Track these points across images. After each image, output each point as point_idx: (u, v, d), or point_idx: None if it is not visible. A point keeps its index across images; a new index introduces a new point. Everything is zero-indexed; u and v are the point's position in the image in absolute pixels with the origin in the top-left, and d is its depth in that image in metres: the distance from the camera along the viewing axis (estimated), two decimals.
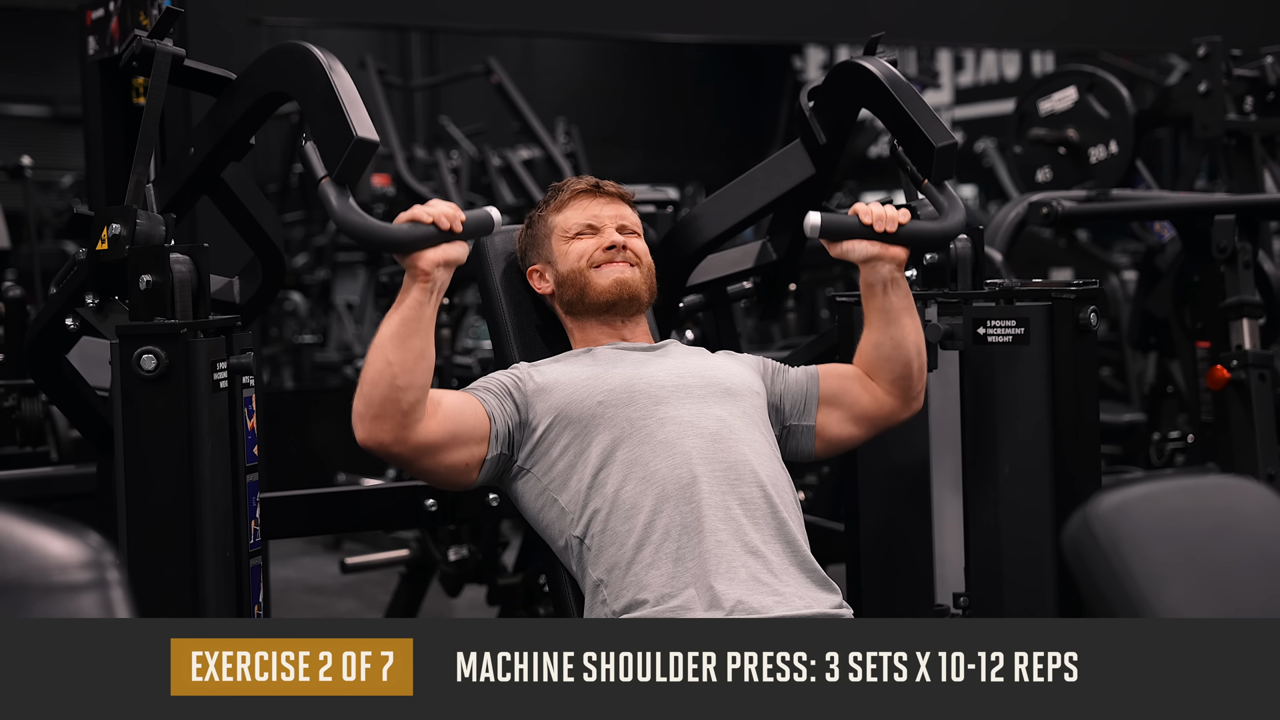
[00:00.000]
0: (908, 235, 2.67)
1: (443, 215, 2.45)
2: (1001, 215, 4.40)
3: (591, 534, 2.57)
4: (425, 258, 2.44)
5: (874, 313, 2.75)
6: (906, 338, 2.74)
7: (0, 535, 1.18)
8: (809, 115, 2.90)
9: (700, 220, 3.13)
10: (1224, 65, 4.53)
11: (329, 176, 2.39)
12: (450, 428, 2.55)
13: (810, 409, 2.79)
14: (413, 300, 2.46)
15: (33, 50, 11.65)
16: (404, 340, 2.45)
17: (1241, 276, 3.76)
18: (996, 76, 13.61)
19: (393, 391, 2.45)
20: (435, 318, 2.49)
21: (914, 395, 2.80)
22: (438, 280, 2.46)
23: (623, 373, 2.67)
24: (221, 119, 2.61)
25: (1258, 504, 1.43)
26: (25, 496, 3.51)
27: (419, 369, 2.46)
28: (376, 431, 2.48)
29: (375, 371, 2.46)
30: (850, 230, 2.67)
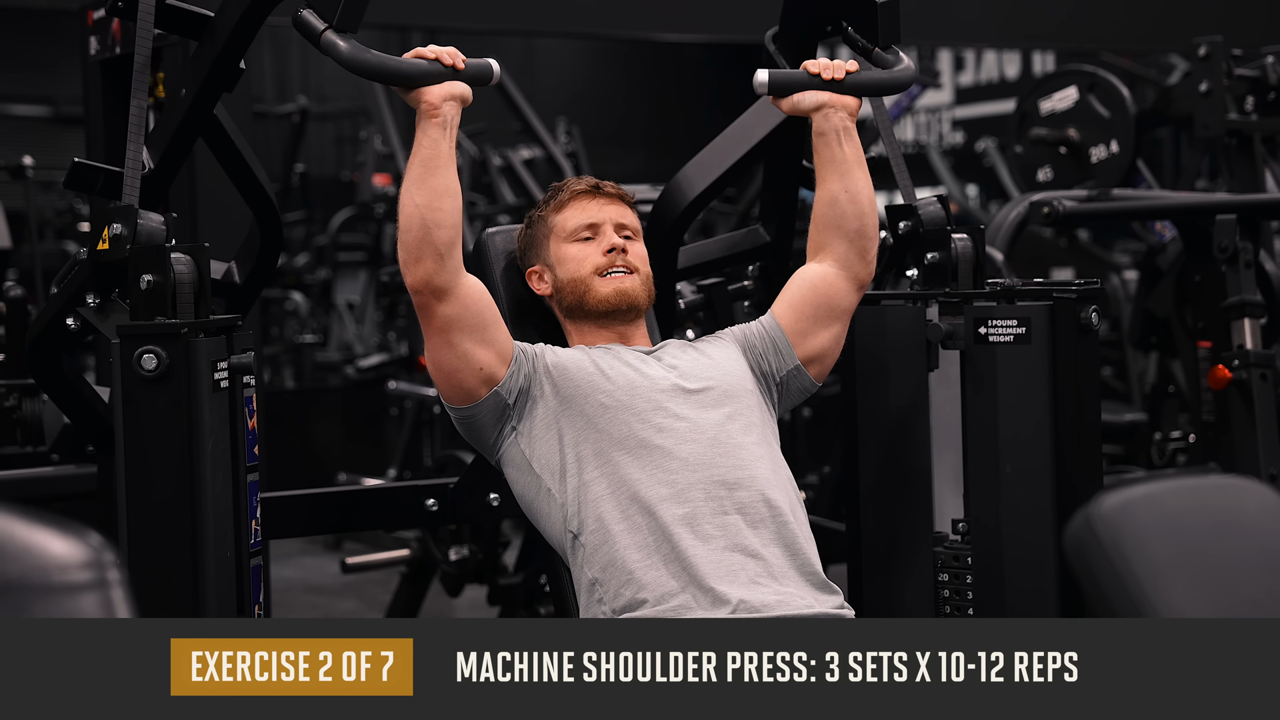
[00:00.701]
0: (855, 83, 2.70)
1: (444, 52, 2.53)
2: (1002, 215, 4.40)
3: (586, 532, 2.57)
4: (433, 92, 2.51)
5: (827, 165, 2.76)
6: (860, 190, 2.76)
7: (1, 535, 1.17)
8: (773, 54, 2.95)
9: (683, 183, 3.14)
10: (1225, 65, 4.53)
11: (330, 27, 2.44)
12: (484, 309, 2.62)
13: (786, 351, 2.79)
14: (429, 139, 2.53)
15: (34, 50, 11.66)
16: (426, 179, 2.52)
17: (1243, 276, 3.77)
18: (997, 76, 13.61)
19: (425, 231, 2.52)
20: (454, 155, 2.55)
21: (870, 256, 2.80)
22: (448, 115, 2.53)
23: (626, 376, 2.67)
24: (208, 49, 2.63)
25: (1260, 504, 1.43)
26: (26, 496, 3.51)
27: (446, 204, 2.53)
28: (420, 272, 2.54)
29: (406, 216, 2.54)
30: (798, 82, 2.70)
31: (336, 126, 12.88)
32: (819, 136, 2.74)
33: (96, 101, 3.68)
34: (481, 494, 3.33)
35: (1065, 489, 2.75)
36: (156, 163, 2.67)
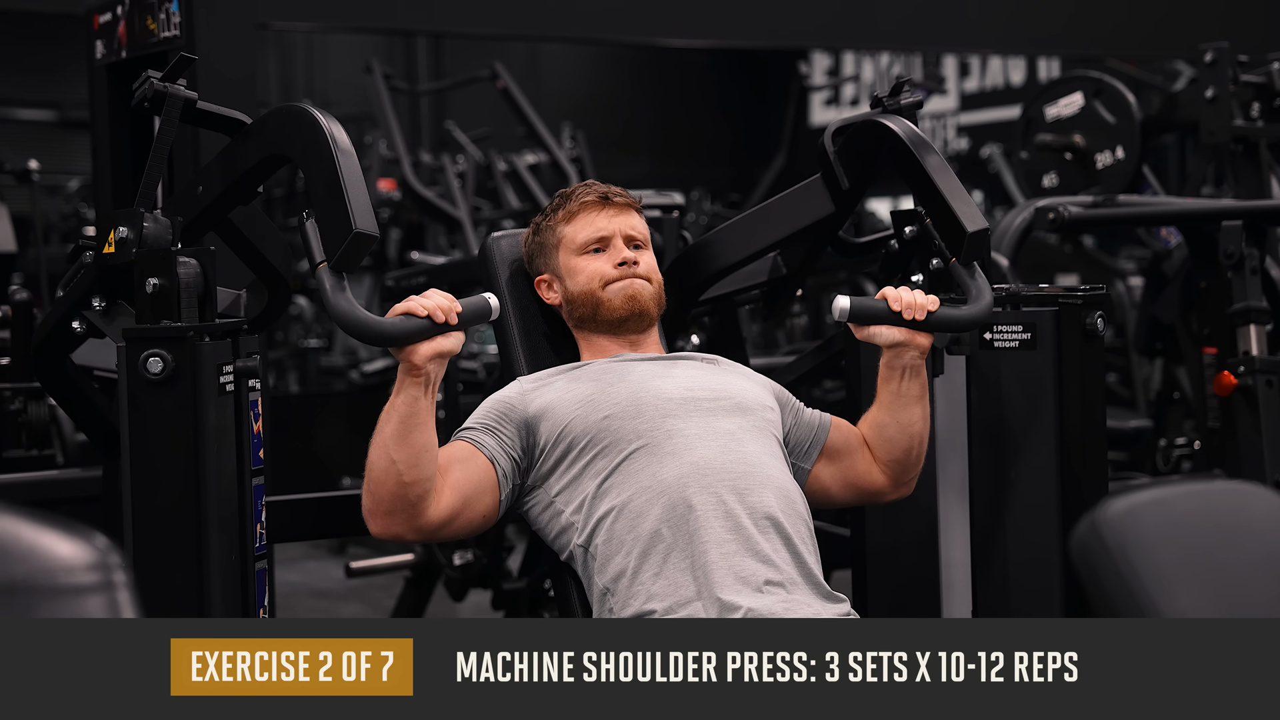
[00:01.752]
0: (936, 322, 2.65)
1: (437, 308, 2.42)
2: (1008, 221, 4.40)
3: (596, 543, 2.56)
4: (418, 352, 2.42)
5: (887, 395, 2.73)
6: (913, 425, 2.73)
7: (7, 537, 1.18)
8: (833, 158, 2.87)
9: (715, 247, 3.10)
10: (1231, 71, 4.53)
11: (326, 263, 2.39)
12: (460, 497, 2.56)
13: (812, 454, 2.79)
14: (407, 397, 2.45)
15: (40, 54, 11.68)
16: (404, 437, 2.45)
17: (1249, 282, 3.76)
18: (1002, 82, 13.61)
19: (400, 488, 2.46)
20: (434, 408, 2.48)
21: (906, 481, 2.80)
22: (431, 374, 2.45)
23: (629, 387, 2.67)
24: (230, 165, 2.62)
25: (1266, 509, 1.43)
26: (32, 499, 3.51)
27: (423, 462, 2.47)
28: (390, 526, 2.50)
29: (380, 470, 2.46)
30: (879, 316, 2.64)
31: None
32: (887, 368, 2.71)
33: (102, 106, 3.69)
34: None
35: (1070, 494, 2.75)
36: None
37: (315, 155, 2.45)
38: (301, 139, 2.49)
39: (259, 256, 2.75)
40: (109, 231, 2.54)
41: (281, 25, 7.37)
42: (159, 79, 2.57)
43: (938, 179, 2.68)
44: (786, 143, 11.11)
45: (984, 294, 2.65)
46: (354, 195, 2.39)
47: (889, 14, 7.57)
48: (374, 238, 2.40)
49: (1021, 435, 2.78)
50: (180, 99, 2.57)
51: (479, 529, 2.64)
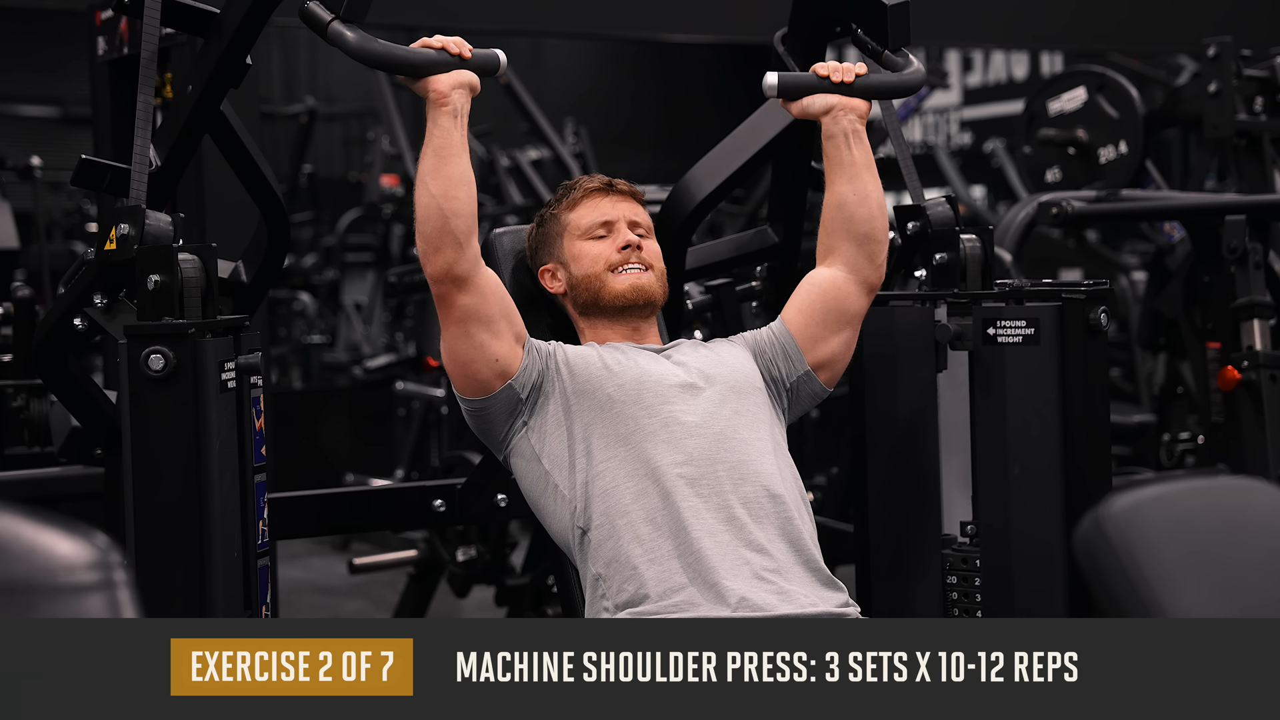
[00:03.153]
0: (865, 86, 2.71)
1: (450, 42, 2.53)
2: (1011, 215, 4.40)
3: (593, 527, 2.57)
4: (441, 80, 2.52)
5: (836, 168, 2.75)
6: (870, 193, 2.75)
7: (7, 535, 1.17)
8: (782, 55, 2.94)
9: (691, 184, 3.13)
10: (1234, 65, 4.52)
11: (337, 17, 2.44)
12: (505, 303, 2.63)
13: (796, 357, 2.78)
14: (440, 128, 2.53)
15: (42, 51, 11.67)
16: (440, 168, 2.53)
17: (1252, 277, 3.76)
18: (1005, 77, 13.60)
19: (442, 220, 2.53)
20: (465, 143, 2.55)
21: (879, 260, 2.79)
22: (457, 103, 2.53)
23: (634, 371, 2.67)
24: (214, 45, 2.63)
25: (1270, 505, 1.42)
26: (32, 497, 3.51)
27: (461, 193, 2.54)
28: (440, 261, 2.55)
29: (423, 207, 2.54)
30: (808, 85, 2.71)
31: (344, 127, 12.89)
32: (828, 139, 2.74)
33: (104, 102, 3.69)
34: (489, 495, 3.33)
35: (1074, 490, 2.75)
36: (163, 160, 2.67)
37: None
38: None
39: (251, 163, 2.75)
40: (111, 228, 2.54)
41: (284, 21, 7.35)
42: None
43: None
44: None
45: (914, 67, 2.72)
46: None
47: None
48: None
49: (1025, 431, 2.78)
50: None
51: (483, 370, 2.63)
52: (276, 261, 2.88)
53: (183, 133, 2.67)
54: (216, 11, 2.65)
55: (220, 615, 2.42)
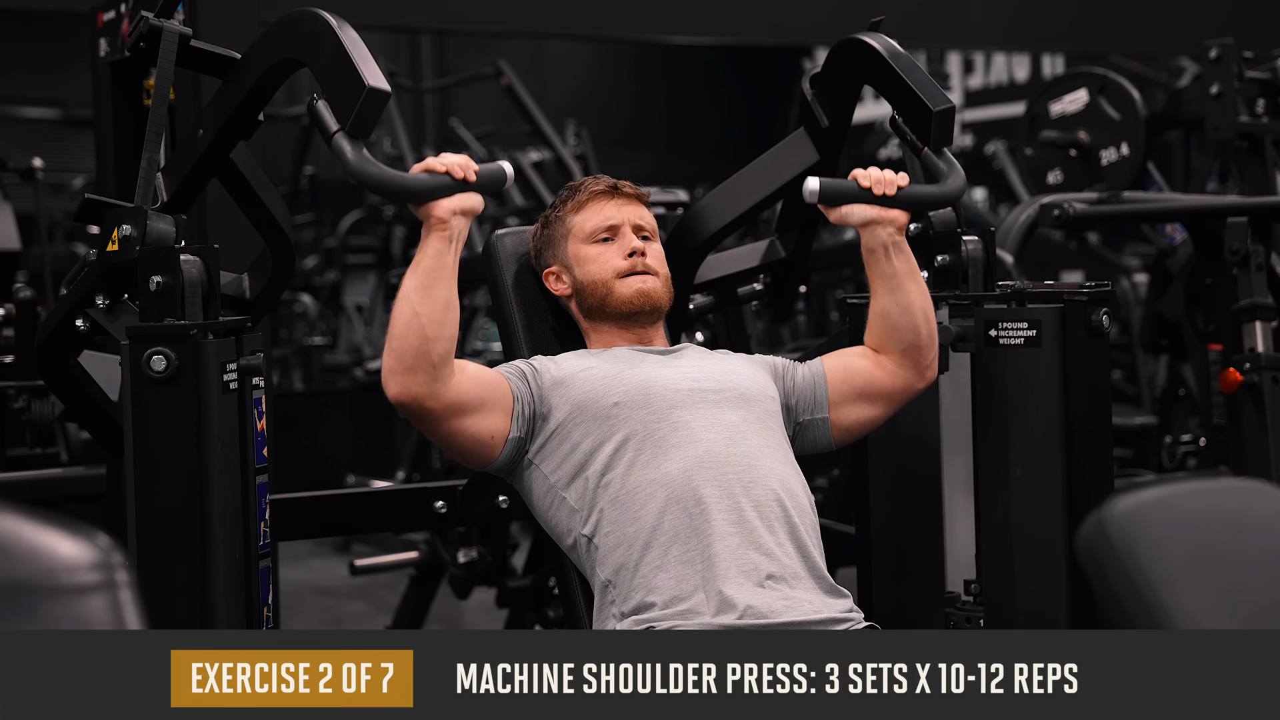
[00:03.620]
0: (907, 198, 2.67)
1: (455, 165, 2.47)
2: (1012, 217, 4.40)
3: (600, 534, 2.56)
4: (441, 206, 2.46)
5: (877, 279, 2.73)
6: (913, 303, 2.72)
7: (9, 536, 1.17)
8: (810, 100, 2.90)
9: (706, 212, 3.12)
10: (1236, 67, 4.52)
11: (342, 130, 2.39)
12: (479, 391, 2.57)
13: (821, 402, 2.78)
14: (433, 250, 2.47)
15: (44, 52, 11.67)
16: (429, 290, 2.47)
17: (1254, 279, 3.75)
18: (1006, 79, 13.60)
19: (423, 343, 2.46)
20: (457, 268, 2.51)
21: (926, 364, 2.77)
22: (456, 228, 2.48)
23: (640, 375, 2.67)
24: (229, 96, 2.62)
25: (1272, 507, 1.42)
26: (35, 498, 3.51)
27: (446, 319, 2.48)
28: (409, 385, 2.48)
29: (403, 324, 2.47)
30: (848, 194, 2.66)
31: None
32: (868, 252, 2.71)
33: (106, 104, 3.68)
34: (490, 496, 3.33)
35: (1076, 492, 2.75)
36: (170, 197, 2.66)
37: (317, 41, 2.46)
38: (301, 34, 2.50)
39: (260, 206, 2.75)
40: (113, 230, 2.54)
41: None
42: (154, 16, 2.56)
43: (898, 65, 2.70)
44: None
45: (955, 174, 2.68)
46: (360, 59, 2.40)
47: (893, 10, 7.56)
48: (387, 94, 2.41)
49: (1027, 432, 2.78)
50: (176, 33, 2.57)
51: (480, 451, 2.61)
52: (279, 287, 2.88)
53: (190, 175, 2.66)
54: (236, 56, 2.64)
55: (221, 616, 2.42)
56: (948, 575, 2.93)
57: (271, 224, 2.77)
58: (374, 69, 2.41)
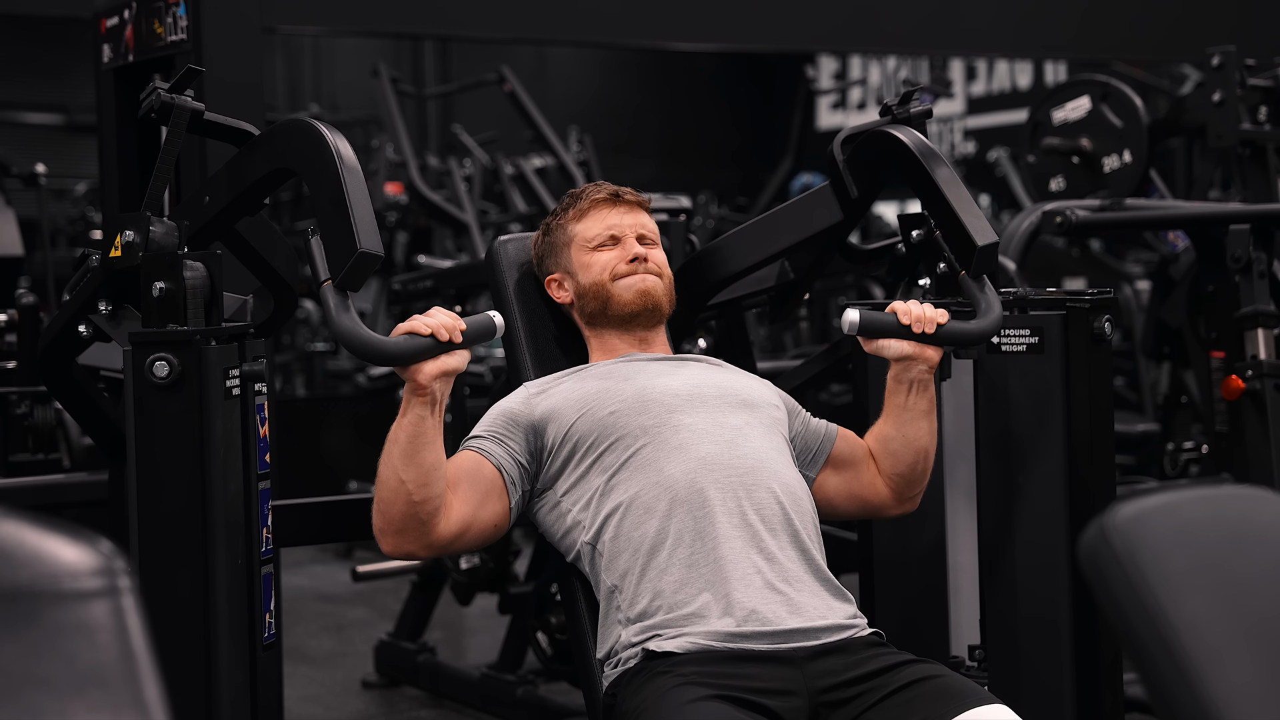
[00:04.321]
0: (945, 336, 2.65)
1: (441, 327, 2.40)
2: (1015, 224, 4.40)
3: (604, 540, 2.56)
4: (423, 371, 2.41)
5: (893, 409, 2.72)
6: (919, 440, 2.72)
7: (11, 542, 1.17)
8: (842, 167, 2.86)
9: (723, 253, 3.10)
10: (1238, 75, 4.52)
11: (331, 281, 2.38)
12: (469, 509, 2.56)
13: (817, 462, 2.78)
14: (414, 416, 2.43)
15: (47, 58, 11.70)
16: (413, 457, 2.44)
17: (1256, 286, 3.75)
18: (1009, 86, 13.62)
19: (410, 507, 2.46)
20: (441, 426, 2.47)
21: (910, 496, 2.78)
22: (436, 392, 2.44)
23: (636, 385, 2.67)
24: (236, 177, 2.61)
25: (1275, 514, 1.42)
26: (37, 504, 3.51)
27: (433, 480, 2.46)
28: (402, 545, 2.50)
29: (390, 491, 2.46)
30: (888, 329, 2.64)
31: (348, 135, 12.86)
32: (894, 382, 2.70)
33: (109, 110, 3.69)
34: None
35: (1078, 499, 2.75)
36: None
37: (321, 171, 2.44)
38: (307, 154, 2.48)
39: (265, 265, 2.75)
40: (116, 235, 2.54)
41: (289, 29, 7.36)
42: (166, 90, 2.56)
43: (947, 191, 2.68)
44: (793, 146, 11.11)
45: (993, 307, 2.65)
46: (359, 214, 2.38)
47: (896, 18, 7.57)
48: (378, 258, 2.39)
49: (1029, 440, 2.78)
50: (187, 110, 2.57)
51: (491, 539, 2.64)
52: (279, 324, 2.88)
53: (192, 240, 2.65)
54: (254, 132, 2.62)
55: (223, 622, 2.42)
56: (949, 583, 2.92)
57: (275, 279, 2.77)
58: (369, 225, 2.39)
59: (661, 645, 2.44)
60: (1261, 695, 1.30)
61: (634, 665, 2.47)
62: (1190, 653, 1.28)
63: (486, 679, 4.51)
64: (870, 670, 2.41)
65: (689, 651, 2.42)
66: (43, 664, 1.15)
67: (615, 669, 2.52)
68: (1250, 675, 1.30)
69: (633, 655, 2.48)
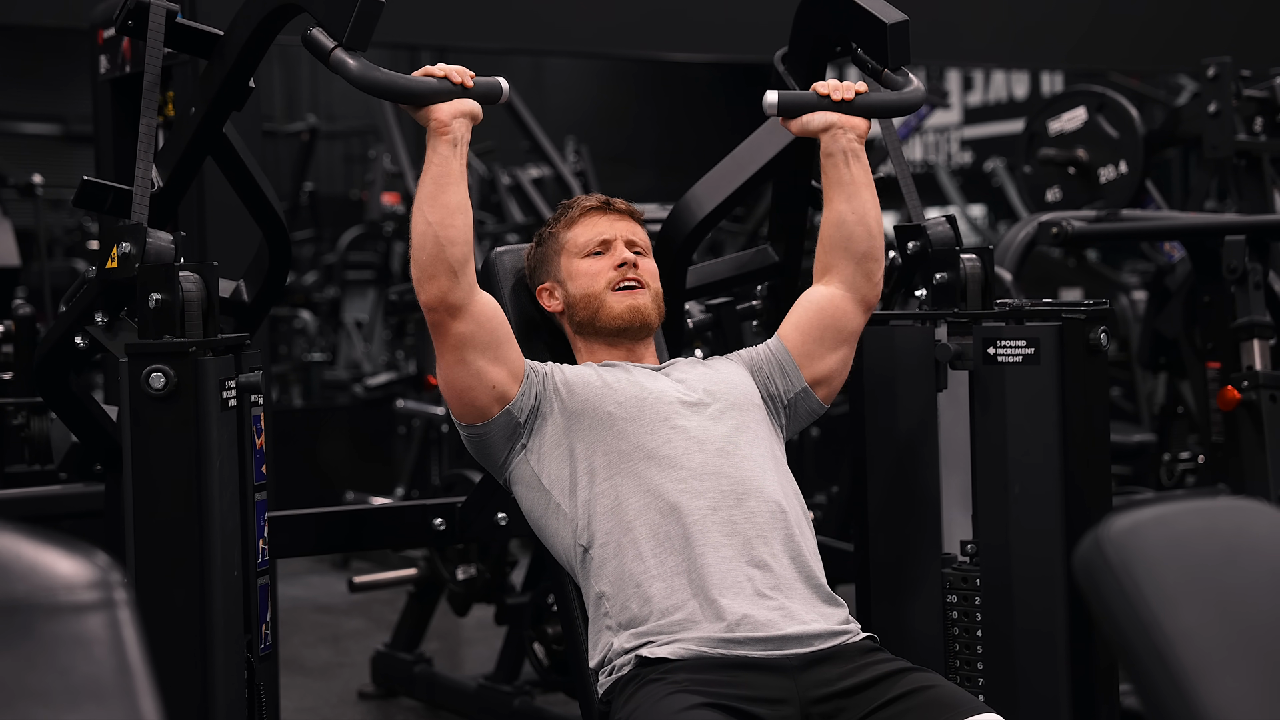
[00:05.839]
0: (864, 104, 2.70)
1: (454, 70, 2.52)
2: (1011, 235, 4.40)
3: (595, 545, 2.57)
4: (443, 109, 2.51)
5: (834, 186, 2.75)
6: (868, 211, 2.75)
7: (7, 554, 1.17)
8: (782, 75, 2.93)
9: (692, 202, 3.14)
10: (1234, 86, 4.53)
11: (340, 45, 2.43)
12: (496, 327, 2.61)
13: (793, 374, 2.79)
14: (439, 156, 2.52)
15: (44, 69, 11.69)
16: (437, 196, 2.52)
17: (1252, 297, 3.76)
18: (1005, 96, 13.63)
19: (438, 248, 2.52)
20: (464, 172, 2.55)
21: (876, 278, 2.79)
22: (458, 132, 2.53)
23: (633, 387, 2.68)
24: (218, 67, 2.63)
25: (1269, 526, 1.42)
26: (33, 515, 3.51)
27: (458, 221, 2.53)
28: (433, 290, 2.54)
29: (419, 234, 2.54)
30: (807, 103, 2.70)
31: (345, 145, 12.92)
32: (827, 158, 2.74)
33: (106, 120, 3.69)
34: (489, 513, 3.33)
35: (1074, 509, 2.75)
36: (165, 181, 2.67)
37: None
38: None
39: (254, 185, 2.76)
40: (112, 247, 2.54)
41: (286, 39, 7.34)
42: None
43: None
44: None
45: (914, 84, 2.70)
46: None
47: None
48: (381, 3, 2.43)
49: (1025, 450, 2.78)
50: (163, 9, 2.59)
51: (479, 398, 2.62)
52: (278, 281, 2.88)
53: (185, 154, 2.67)
54: (220, 34, 2.66)
55: (220, 634, 2.42)
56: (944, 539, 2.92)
57: (264, 204, 2.78)
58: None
59: (655, 651, 2.45)
60: (1255, 706, 1.30)
61: (627, 672, 2.48)
62: (1185, 664, 1.28)
63: (483, 690, 4.51)
64: (864, 680, 2.42)
65: (682, 658, 2.42)
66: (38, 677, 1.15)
67: (609, 676, 2.52)
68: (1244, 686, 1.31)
69: (626, 662, 2.49)
